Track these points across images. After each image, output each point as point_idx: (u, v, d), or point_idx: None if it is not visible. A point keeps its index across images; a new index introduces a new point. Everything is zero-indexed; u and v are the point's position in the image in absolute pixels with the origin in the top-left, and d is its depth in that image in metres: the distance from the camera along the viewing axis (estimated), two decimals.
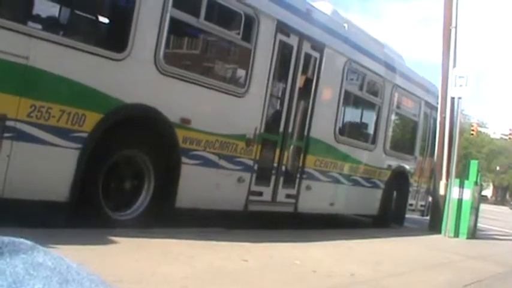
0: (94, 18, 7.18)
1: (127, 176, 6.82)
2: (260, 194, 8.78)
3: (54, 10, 6.52)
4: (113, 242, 5.34)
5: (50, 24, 6.31)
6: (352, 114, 12.18)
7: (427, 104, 14.12)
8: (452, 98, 13.02)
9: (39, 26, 5.98)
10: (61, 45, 5.63)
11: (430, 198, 14.45)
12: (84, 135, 5.86)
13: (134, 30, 6.33)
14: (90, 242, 5.02)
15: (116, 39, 6.62)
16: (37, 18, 6.09)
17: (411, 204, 14.08)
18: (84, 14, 7.11)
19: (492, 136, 79.16)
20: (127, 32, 6.30)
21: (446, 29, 13.48)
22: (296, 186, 9.59)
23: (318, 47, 9.66)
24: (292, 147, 9.50)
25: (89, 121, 5.86)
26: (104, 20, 7.30)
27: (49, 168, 5.72)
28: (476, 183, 12.84)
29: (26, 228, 4.45)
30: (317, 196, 10.13)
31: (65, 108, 5.65)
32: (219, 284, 4.67)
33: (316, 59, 9.68)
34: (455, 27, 13.34)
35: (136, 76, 6.52)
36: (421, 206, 14.76)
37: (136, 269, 4.46)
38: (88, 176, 5.97)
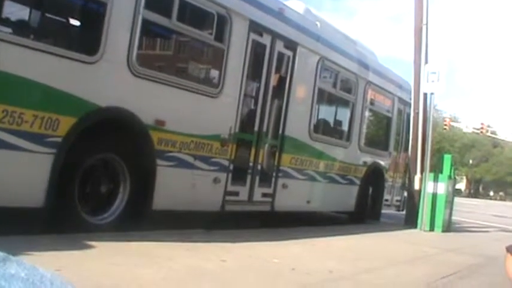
0: (65, 20, 7.11)
1: (103, 180, 6.77)
2: (236, 193, 8.78)
3: (24, 13, 6.44)
4: (90, 246, 5.31)
5: (20, 27, 6.23)
6: (326, 112, 12.20)
7: (400, 100, 14.21)
8: (425, 94, 13.12)
9: (9, 30, 5.90)
10: (32, 49, 5.58)
11: (405, 193, 14.55)
12: (58, 139, 5.81)
13: (106, 32, 6.28)
14: (67, 247, 4.99)
15: (88, 41, 6.57)
16: (6, 22, 6.00)
17: (387, 200, 14.17)
18: (55, 17, 7.02)
19: (464, 130, 79.80)
20: (99, 34, 6.25)
21: (417, 26, 13.58)
22: (272, 185, 9.60)
23: (291, 45, 9.68)
24: (267, 146, 9.50)
25: (62, 125, 5.81)
26: (75, 22, 7.24)
27: (23, 174, 5.66)
28: (450, 177, 12.96)
29: (1, 236, 4.41)
30: (293, 194, 10.15)
31: (38, 113, 5.59)
32: (198, 285, 4.66)
33: (289, 57, 9.70)
34: (427, 24, 13.46)
35: (109, 79, 6.49)
36: (397, 201, 14.85)
37: (115, 273, 4.44)
38: (63, 180, 5.92)
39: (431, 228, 12.43)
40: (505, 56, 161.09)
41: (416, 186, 13.13)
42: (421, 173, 12.97)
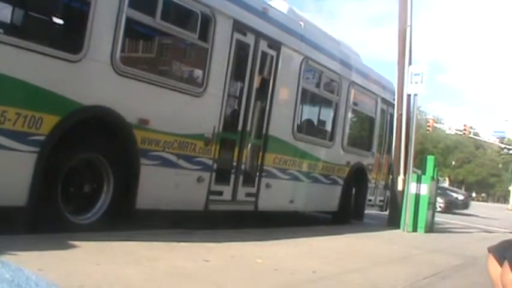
0: (49, 19, 7.07)
1: (86, 179, 6.74)
2: (220, 193, 8.77)
3: (7, 11, 6.39)
4: (73, 246, 5.28)
5: (4, 25, 6.20)
6: (309, 112, 12.24)
7: (384, 100, 14.27)
8: (409, 95, 13.19)
9: None
10: (15, 47, 5.53)
11: (388, 194, 14.61)
12: (42, 138, 5.77)
13: (90, 30, 6.25)
14: (50, 247, 4.95)
15: (71, 40, 6.54)
16: None
17: (370, 200, 14.22)
18: (38, 15, 6.99)
19: (447, 132, 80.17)
20: (83, 33, 6.22)
21: (401, 28, 13.64)
22: (256, 184, 9.59)
23: (275, 45, 9.69)
24: (250, 145, 9.50)
25: (45, 124, 5.77)
26: (59, 20, 7.20)
27: (6, 173, 5.61)
28: (433, 178, 13.03)
29: None
30: (277, 194, 10.16)
31: (21, 111, 5.55)
32: (181, 285, 4.65)
33: (273, 57, 9.70)
34: (411, 25, 13.53)
35: (93, 77, 6.45)
36: (380, 201, 14.92)
37: (98, 273, 4.41)
38: (46, 179, 5.89)
39: (414, 229, 12.50)
40: (484, 58, 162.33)
41: (400, 187, 13.19)
42: (404, 174, 13.03)
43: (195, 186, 8.15)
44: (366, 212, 14.12)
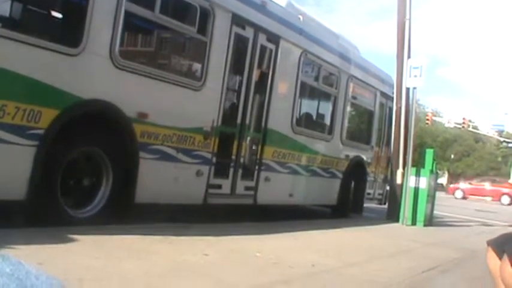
0: (48, 12, 7.05)
1: (85, 173, 6.74)
2: (219, 186, 8.76)
3: (6, 4, 6.38)
4: (72, 240, 5.28)
5: (2, 19, 6.18)
6: (308, 105, 12.21)
7: (383, 94, 14.26)
8: (408, 88, 13.18)
9: None
10: (14, 41, 5.52)
11: (387, 187, 14.61)
12: (41, 132, 5.77)
13: (89, 24, 6.24)
14: (49, 241, 4.96)
15: (70, 33, 6.52)
16: None
17: (369, 193, 14.23)
18: (37, 9, 6.97)
19: (446, 125, 79.91)
20: (81, 26, 6.21)
21: (400, 21, 13.63)
22: (255, 178, 9.59)
23: (274, 39, 9.67)
24: (249, 139, 9.49)
25: (44, 118, 5.77)
26: (57, 14, 7.17)
27: (4, 166, 5.62)
28: (432, 171, 13.04)
29: None
30: (276, 187, 10.15)
31: (20, 105, 5.55)
32: (180, 279, 4.65)
33: (272, 50, 9.69)
34: (409, 19, 13.52)
35: (91, 71, 6.45)
36: (379, 194, 14.92)
37: (97, 266, 4.42)
38: (46, 173, 5.88)
39: (413, 223, 12.50)
40: (483, 51, 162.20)
41: (399, 181, 13.19)
42: (403, 167, 13.02)
43: (194, 180, 8.15)
44: (365, 205, 14.13)
